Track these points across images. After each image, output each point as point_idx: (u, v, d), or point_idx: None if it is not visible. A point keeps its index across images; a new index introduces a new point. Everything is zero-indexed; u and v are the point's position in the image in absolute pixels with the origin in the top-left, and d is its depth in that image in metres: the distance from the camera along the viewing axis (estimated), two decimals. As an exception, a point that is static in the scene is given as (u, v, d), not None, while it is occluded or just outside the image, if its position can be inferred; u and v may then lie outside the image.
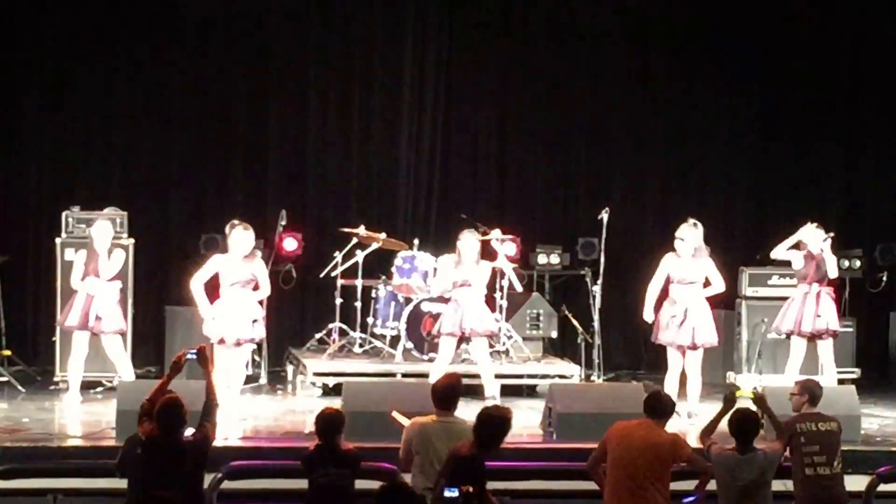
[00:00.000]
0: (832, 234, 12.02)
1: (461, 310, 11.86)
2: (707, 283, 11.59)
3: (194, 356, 8.04)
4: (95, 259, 11.88)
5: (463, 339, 12.07)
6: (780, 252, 11.96)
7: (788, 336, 12.04)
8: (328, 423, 7.81)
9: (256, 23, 15.02)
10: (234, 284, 11.12)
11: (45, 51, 14.65)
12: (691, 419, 11.20)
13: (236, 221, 11.35)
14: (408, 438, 8.04)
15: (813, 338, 11.87)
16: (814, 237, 11.84)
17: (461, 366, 12.17)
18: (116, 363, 11.92)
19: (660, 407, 8.09)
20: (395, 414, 8.66)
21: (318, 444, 7.80)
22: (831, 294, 11.93)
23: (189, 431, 7.66)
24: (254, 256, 11.35)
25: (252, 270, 11.21)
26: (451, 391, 8.16)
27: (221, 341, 11.05)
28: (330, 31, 15.22)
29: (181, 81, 14.89)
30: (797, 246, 11.90)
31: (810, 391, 8.73)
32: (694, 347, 11.48)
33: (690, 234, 11.49)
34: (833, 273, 11.86)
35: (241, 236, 11.19)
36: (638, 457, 7.82)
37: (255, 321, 11.18)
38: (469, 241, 12.00)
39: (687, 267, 11.48)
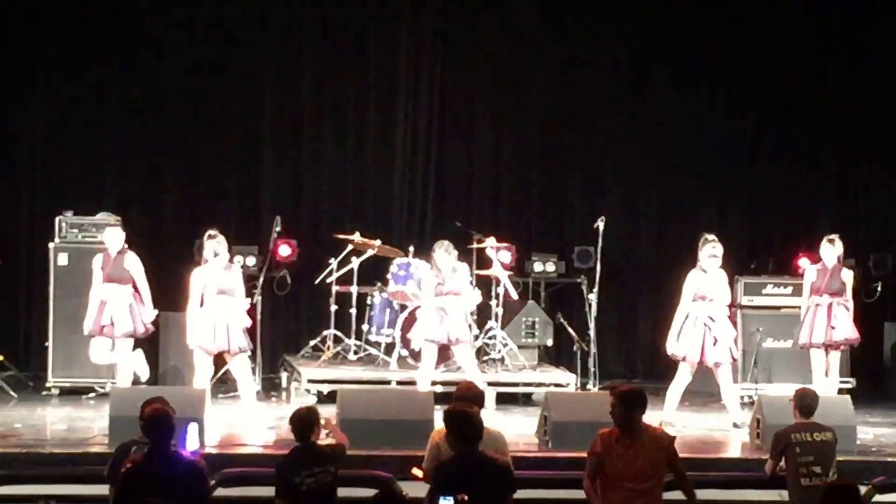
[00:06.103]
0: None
1: (446, 319, 11.87)
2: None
3: None
4: (109, 264, 11.85)
5: (447, 346, 12.05)
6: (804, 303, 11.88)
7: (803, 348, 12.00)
8: (302, 422, 7.60)
9: (252, 32, 15.00)
10: (220, 293, 11.08)
11: (38, 56, 14.62)
12: (741, 428, 11.25)
13: (213, 231, 11.29)
14: (434, 445, 7.67)
15: (827, 348, 11.80)
16: (829, 252, 11.81)
17: (456, 374, 12.15)
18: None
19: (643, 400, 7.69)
20: (415, 471, 8.08)
21: (295, 447, 7.62)
22: (846, 305, 11.85)
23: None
24: (231, 264, 11.39)
25: (233, 279, 11.20)
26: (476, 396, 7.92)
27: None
28: (325, 40, 15.23)
29: (176, 88, 14.86)
30: (812, 259, 11.88)
31: (798, 400, 8.75)
32: (730, 361, 11.56)
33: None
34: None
35: (222, 245, 11.20)
36: None
37: (245, 329, 11.18)
38: (440, 255, 11.99)
39: (712, 283, 11.49)
